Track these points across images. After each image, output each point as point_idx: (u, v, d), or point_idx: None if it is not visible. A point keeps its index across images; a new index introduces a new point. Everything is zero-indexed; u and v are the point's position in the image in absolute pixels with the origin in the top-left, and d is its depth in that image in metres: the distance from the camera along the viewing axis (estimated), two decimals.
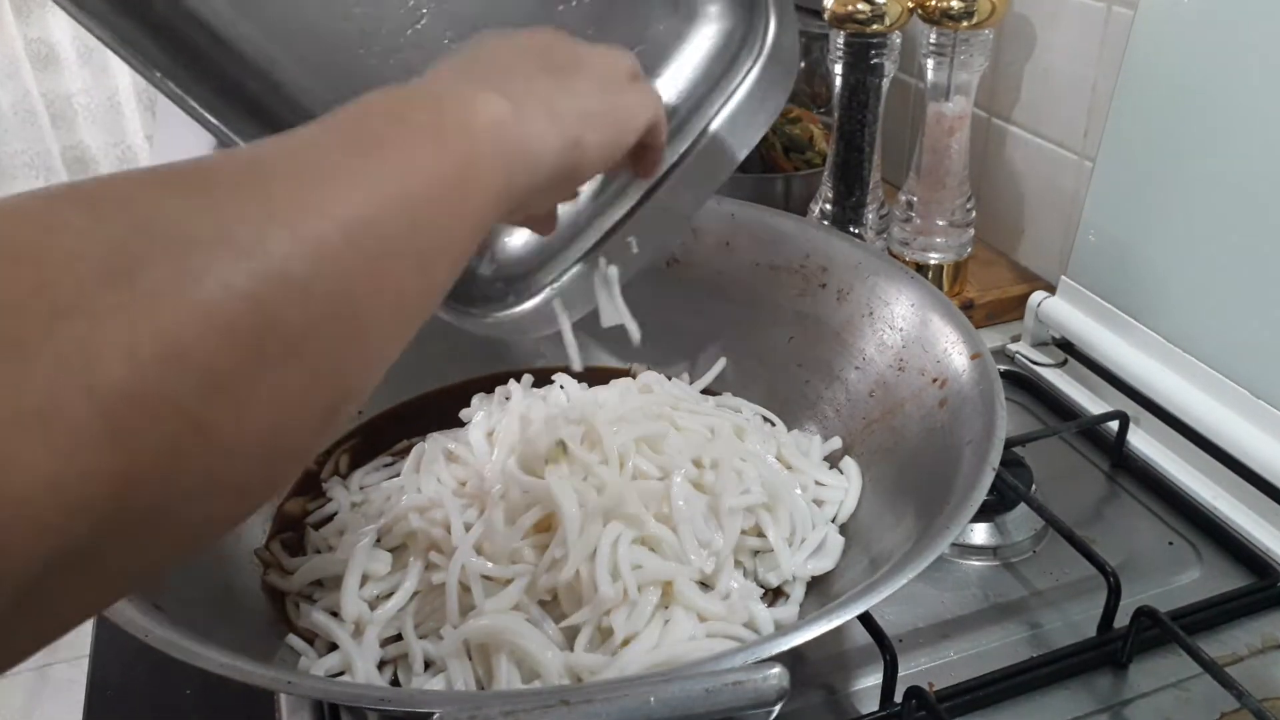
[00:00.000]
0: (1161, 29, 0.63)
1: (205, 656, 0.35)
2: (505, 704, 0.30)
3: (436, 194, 0.31)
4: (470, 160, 0.32)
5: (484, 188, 0.33)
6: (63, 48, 2.41)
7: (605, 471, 0.49)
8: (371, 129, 0.31)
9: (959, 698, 0.46)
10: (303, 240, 0.26)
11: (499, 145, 0.34)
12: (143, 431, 0.22)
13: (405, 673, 0.45)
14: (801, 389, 0.62)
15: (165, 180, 0.25)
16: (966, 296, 0.79)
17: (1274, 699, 0.47)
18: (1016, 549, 0.57)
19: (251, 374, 0.24)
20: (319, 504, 0.55)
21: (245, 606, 0.48)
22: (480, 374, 0.66)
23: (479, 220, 0.33)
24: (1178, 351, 0.63)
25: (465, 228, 0.33)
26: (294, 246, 0.25)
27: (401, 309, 0.30)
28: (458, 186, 0.32)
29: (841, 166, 0.78)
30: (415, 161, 0.30)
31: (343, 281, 0.27)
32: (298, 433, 0.27)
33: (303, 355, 0.26)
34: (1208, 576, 0.55)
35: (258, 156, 0.28)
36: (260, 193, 0.26)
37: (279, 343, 0.25)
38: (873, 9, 0.70)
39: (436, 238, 0.31)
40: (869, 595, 0.38)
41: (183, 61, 0.47)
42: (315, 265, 0.26)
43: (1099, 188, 0.69)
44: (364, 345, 0.29)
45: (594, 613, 0.44)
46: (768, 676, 0.30)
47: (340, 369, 0.28)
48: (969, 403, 0.50)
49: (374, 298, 0.29)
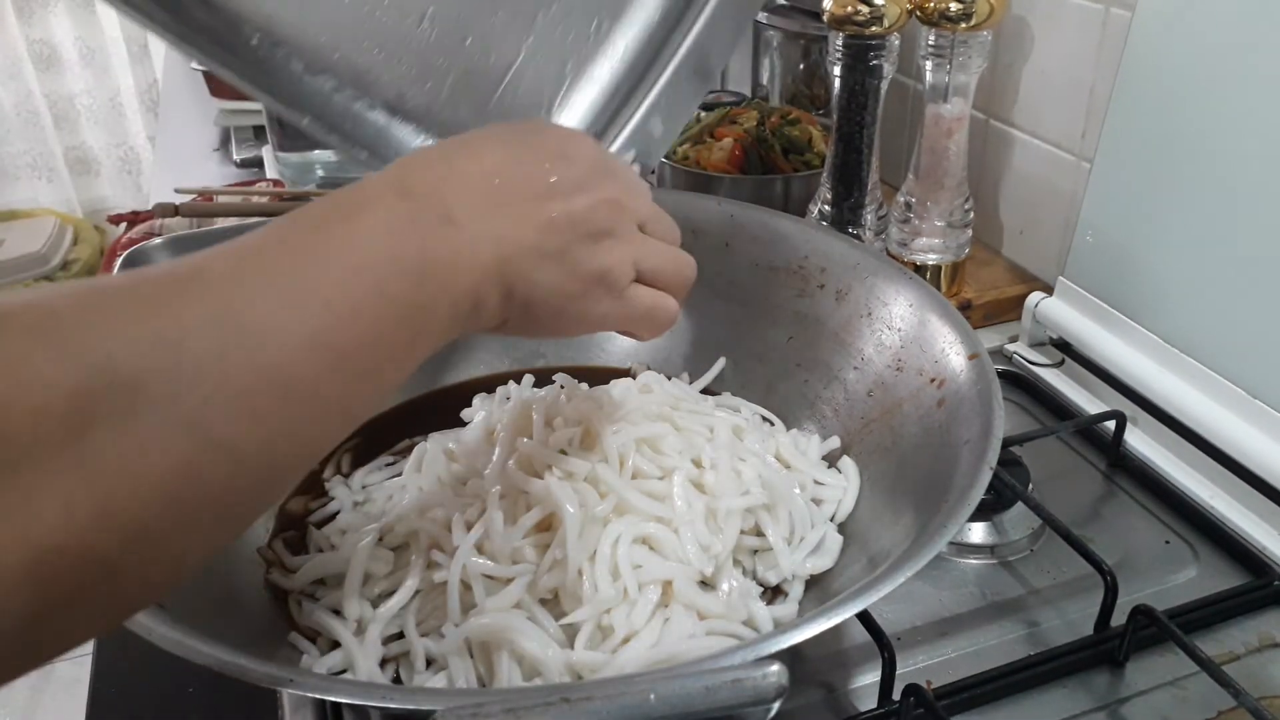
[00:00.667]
0: (1159, 31, 0.63)
1: (208, 654, 0.35)
2: (506, 701, 0.30)
3: (371, 339, 0.32)
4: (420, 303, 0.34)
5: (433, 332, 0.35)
6: (65, 49, 2.41)
7: (605, 472, 0.49)
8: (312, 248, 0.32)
9: (957, 695, 0.47)
10: (241, 408, 0.27)
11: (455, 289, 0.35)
12: (60, 579, 0.23)
13: (407, 671, 0.45)
14: (800, 389, 0.62)
15: (136, 301, 0.27)
16: (964, 297, 0.79)
17: (1271, 697, 0.48)
18: (1014, 548, 0.57)
19: (175, 529, 0.26)
20: (321, 503, 0.55)
21: (248, 605, 0.48)
22: (481, 374, 0.67)
23: (415, 356, 0.34)
24: (1175, 352, 0.64)
25: (398, 369, 0.34)
26: (232, 414, 0.27)
27: (328, 444, 0.32)
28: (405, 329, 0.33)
29: (840, 168, 0.78)
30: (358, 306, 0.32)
31: (273, 441, 0.29)
32: (203, 555, 0.28)
33: (228, 508, 0.28)
34: (1204, 575, 0.55)
35: (224, 289, 0.29)
36: (214, 330, 0.27)
37: (207, 503, 0.27)
38: (871, 11, 0.70)
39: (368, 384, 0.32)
40: (867, 593, 0.38)
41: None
42: (250, 429, 0.28)
43: (1097, 189, 0.69)
44: (286, 486, 0.32)
45: (594, 611, 0.44)
46: (767, 674, 0.31)
47: (258, 509, 0.31)
48: (967, 402, 0.50)
49: (303, 448, 0.31)
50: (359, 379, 0.31)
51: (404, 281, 0.33)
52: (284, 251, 0.31)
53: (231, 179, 1.14)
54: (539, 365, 0.66)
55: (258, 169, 1.16)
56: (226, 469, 0.27)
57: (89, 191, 2.58)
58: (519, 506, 0.49)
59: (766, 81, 1.05)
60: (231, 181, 1.11)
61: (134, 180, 2.61)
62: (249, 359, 0.27)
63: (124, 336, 0.25)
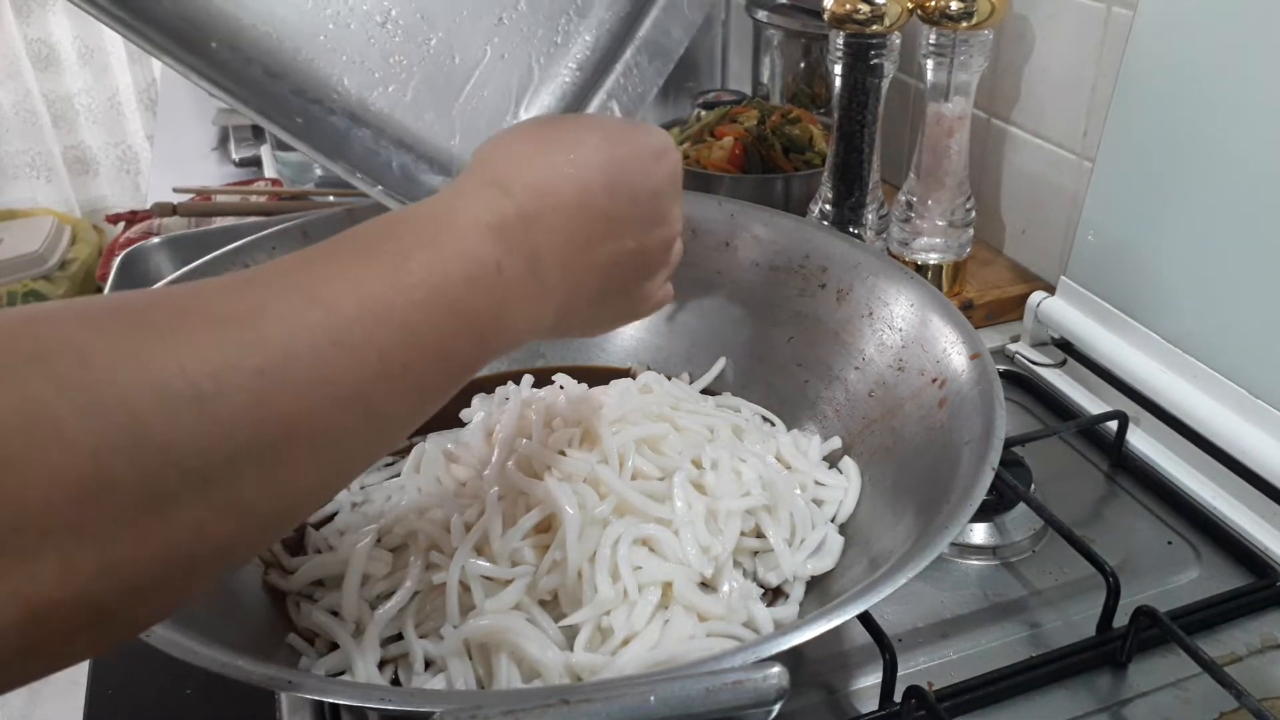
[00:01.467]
0: (1161, 29, 0.63)
1: (206, 656, 0.35)
2: (505, 703, 0.30)
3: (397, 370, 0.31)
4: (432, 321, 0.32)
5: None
6: (64, 48, 2.41)
7: (605, 472, 0.49)
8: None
9: (958, 697, 0.47)
10: (268, 474, 0.26)
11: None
12: (51, 625, 0.23)
13: (406, 672, 0.45)
14: (801, 389, 0.62)
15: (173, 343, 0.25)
16: (966, 297, 0.79)
17: (1273, 699, 0.47)
18: (1016, 549, 0.57)
19: (176, 580, 0.25)
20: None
21: (246, 606, 0.48)
22: (481, 374, 0.66)
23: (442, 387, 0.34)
24: (1177, 351, 0.63)
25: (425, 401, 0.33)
26: (257, 480, 0.26)
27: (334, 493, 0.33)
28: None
29: (841, 167, 0.78)
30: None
31: (292, 499, 0.28)
32: (199, 596, 0.28)
33: (231, 558, 0.27)
34: (1207, 576, 0.55)
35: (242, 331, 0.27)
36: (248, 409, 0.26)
37: (213, 557, 0.26)
38: (872, 10, 0.70)
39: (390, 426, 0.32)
40: (868, 595, 0.38)
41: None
42: (273, 494, 0.27)
43: (1098, 188, 0.69)
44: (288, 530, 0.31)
45: (594, 613, 0.44)
46: (767, 676, 0.30)
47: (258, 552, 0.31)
48: (968, 403, 0.50)
49: (313, 498, 0.30)
50: (383, 431, 0.31)
51: (467, 340, 0.33)
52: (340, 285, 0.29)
53: (230, 178, 1.14)
54: (539, 365, 0.66)
55: (256, 168, 1.16)
56: (239, 527, 0.26)
57: (87, 191, 2.58)
58: (518, 507, 0.49)
59: (767, 80, 1.05)
60: (230, 181, 1.11)
61: (132, 180, 2.61)
62: (283, 413, 0.26)
63: (153, 388, 0.24)
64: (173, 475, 0.24)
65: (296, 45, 0.54)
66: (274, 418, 0.26)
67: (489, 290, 0.33)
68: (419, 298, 0.31)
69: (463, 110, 0.58)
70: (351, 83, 0.55)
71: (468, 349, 0.33)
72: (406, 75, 0.56)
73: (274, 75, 0.53)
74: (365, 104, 0.56)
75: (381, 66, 0.56)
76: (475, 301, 0.33)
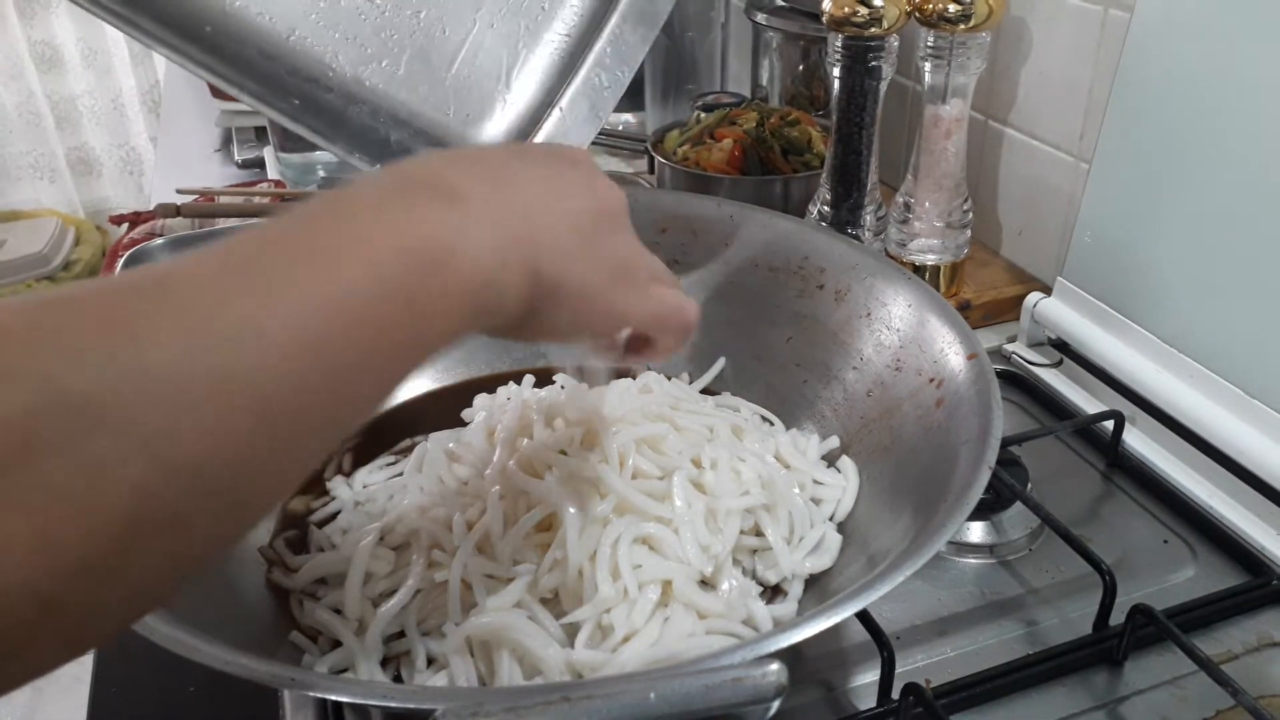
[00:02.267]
0: (1157, 32, 0.63)
1: (209, 654, 0.35)
2: (507, 700, 0.30)
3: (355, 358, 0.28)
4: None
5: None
6: (67, 50, 2.42)
7: (605, 472, 0.49)
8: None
9: (956, 694, 0.47)
10: (206, 424, 0.24)
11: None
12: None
13: (408, 670, 0.45)
14: (800, 389, 0.62)
15: (92, 313, 0.24)
16: (963, 297, 0.79)
17: (1269, 696, 0.48)
18: (1013, 547, 0.57)
19: (129, 560, 0.24)
20: (322, 502, 0.56)
21: (249, 604, 0.48)
22: (482, 374, 0.67)
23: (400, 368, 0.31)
24: (1173, 351, 0.64)
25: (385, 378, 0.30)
26: (195, 432, 0.24)
27: (312, 459, 0.29)
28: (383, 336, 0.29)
29: (839, 168, 0.78)
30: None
31: (246, 459, 0.26)
32: (167, 588, 0.26)
33: (191, 536, 0.25)
34: (1203, 574, 0.55)
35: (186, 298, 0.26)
36: (186, 353, 0.24)
37: (166, 530, 0.24)
38: (870, 12, 0.70)
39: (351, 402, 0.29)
40: (867, 593, 0.38)
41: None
42: (217, 447, 0.25)
43: (1095, 189, 0.69)
44: (262, 508, 0.28)
45: (594, 610, 0.45)
46: (766, 673, 0.31)
47: (230, 535, 0.28)
48: (965, 402, 0.50)
49: (282, 464, 0.27)
50: (349, 383, 0.28)
51: (406, 265, 0.29)
52: (261, 247, 0.28)
53: (233, 180, 1.15)
54: (539, 365, 0.67)
55: (259, 170, 1.16)
56: (188, 492, 0.24)
57: (91, 192, 2.59)
58: (519, 506, 0.49)
59: (766, 82, 1.05)
60: (233, 182, 1.11)
61: (136, 181, 2.61)
62: (218, 367, 0.25)
63: (74, 352, 0.23)
64: (94, 429, 0.23)
65: (289, 25, 0.55)
66: (207, 372, 0.25)
67: (409, 217, 0.31)
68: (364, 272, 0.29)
69: (455, 81, 0.58)
70: (345, 60, 0.56)
71: (416, 277, 0.30)
72: (398, 49, 0.57)
73: (269, 56, 0.54)
74: (360, 80, 0.57)
75: (373, 42, 0.57)
76: (405, 233, 0.30)
